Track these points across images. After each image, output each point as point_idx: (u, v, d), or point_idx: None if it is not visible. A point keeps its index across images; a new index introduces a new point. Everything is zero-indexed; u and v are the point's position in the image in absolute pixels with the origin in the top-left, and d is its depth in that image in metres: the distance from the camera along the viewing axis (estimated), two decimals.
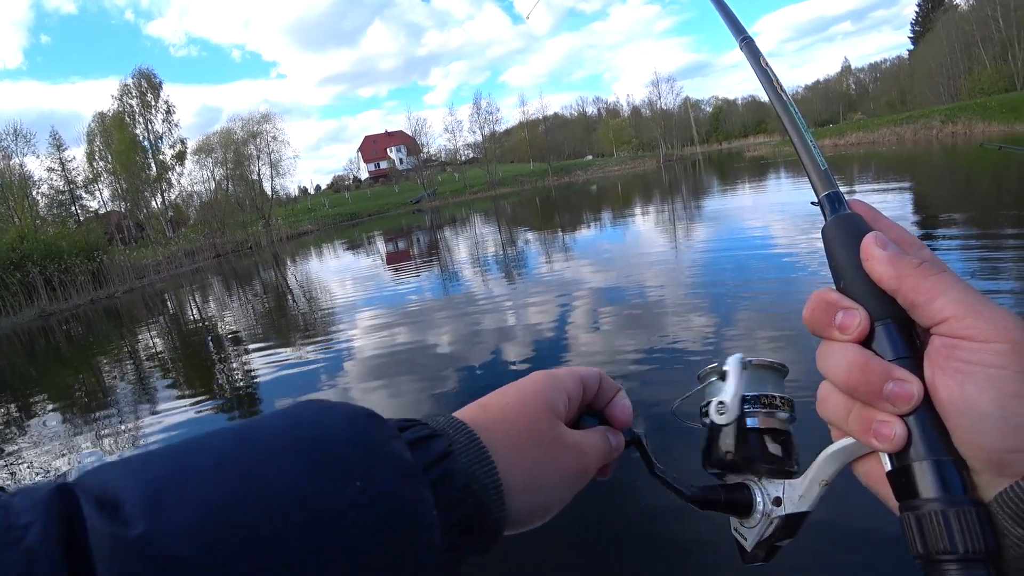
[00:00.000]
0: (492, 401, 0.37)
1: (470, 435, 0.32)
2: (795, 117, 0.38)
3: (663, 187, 26.74)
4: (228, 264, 27.40)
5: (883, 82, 79.78)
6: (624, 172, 52.42)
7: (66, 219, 40.13)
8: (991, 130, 26.25)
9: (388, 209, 50.85)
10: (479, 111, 61.27)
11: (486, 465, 0.31)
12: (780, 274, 6.19)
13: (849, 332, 0.30)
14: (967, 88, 45.70)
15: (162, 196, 45.09)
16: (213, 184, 47.11)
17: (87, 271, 22.60)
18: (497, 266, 10.97)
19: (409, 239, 21.66)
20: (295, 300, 11.86)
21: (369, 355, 5.97)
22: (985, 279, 4.95)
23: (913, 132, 31.35)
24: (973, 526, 0.25)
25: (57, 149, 43.70)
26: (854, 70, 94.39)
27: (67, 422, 5.94)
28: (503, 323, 6.29)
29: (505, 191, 50.75)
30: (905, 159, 21.13)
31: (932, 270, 0.28)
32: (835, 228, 0.33)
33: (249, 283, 17.53)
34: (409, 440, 0.29)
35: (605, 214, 18.54)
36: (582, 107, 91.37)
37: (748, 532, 0.38)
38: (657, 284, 6.81)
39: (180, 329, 11.21)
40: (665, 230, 12.20)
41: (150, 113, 44.84)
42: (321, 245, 28.17)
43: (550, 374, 0.39)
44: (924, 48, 55.54)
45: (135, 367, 8.14)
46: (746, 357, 0.39)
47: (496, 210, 30.53)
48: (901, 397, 0.27)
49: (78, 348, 11.55)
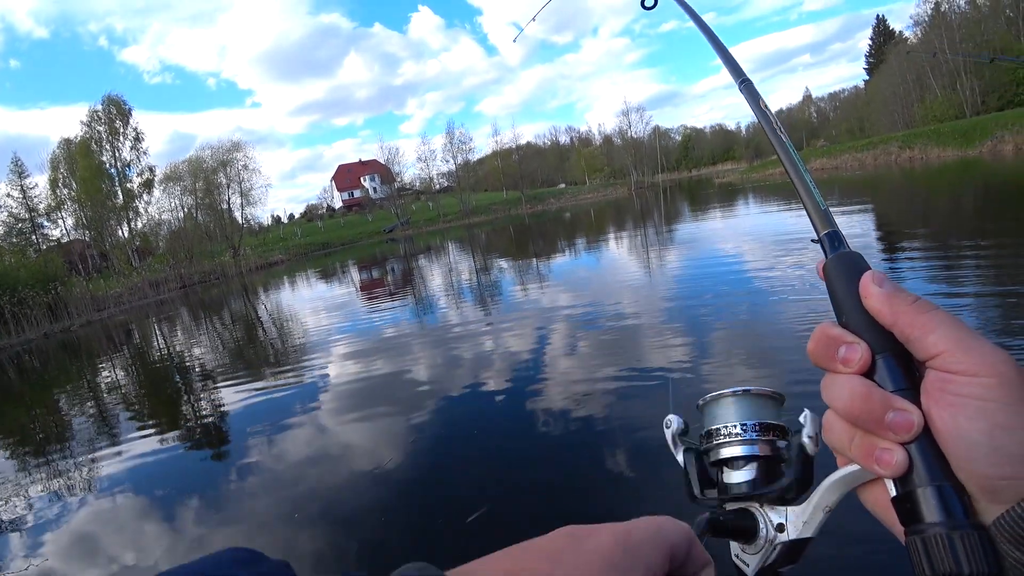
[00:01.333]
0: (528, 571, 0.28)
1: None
2: (794, 157, 0.39)
3: (635, 213, 27.14)
4: (195, 295, 26.60)
5: (842, 110, 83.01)
6: (596, 200, 53.14)
7: (25, 248, 38.68)
8: (945, 155, 27.37)
9: (361, 238, 50.43)
10: (452, 140, 61.81)
11: None
12: (752, 296, 6.25)
13: (851, 365, 0.31)
14: (920, 115, 47.83)
15: (128, 225, 44.02)
16: (182, 213, 46.22)
17: (42, 303, 21.66)
18: (472, 294, 10.89)
19: (383, 268, 21.44)
20: (265, 331, 11.55)
21: (343, 384, 5.83)
22: (948, 284, 5.25)
23: (874, 157, 32.57)
24: (976, 549, 0.26)
25: (18, 176, 42.48)
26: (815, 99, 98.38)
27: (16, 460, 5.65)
28: (479, 350, 6.19)
29: (479, 219, 50.85)
30: (870, 182, 21.82)
31: (926, 307, 0.29)
32: (836, 265, 0.34)
33: (217, 314, 17.06)
34: None
35: (579, 241, 18.70)
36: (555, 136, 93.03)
37: (750, 559, 0.38)
38: (631, 308, 6.85)
39: (142, 363, 10.72)
40: (637, 255, 12.30)
41: (118, 140, 44.09)
42: (292, 275, 27.68)
43: (628, 545, 0.30)
44: (878, 79, 58.12)
45: (91, 404, 7.69)
46: (744, 387, 0.39)
47: (470, 238, 30.50)
48: (902, 426, 0.28)
49: (30, 384, 10.98)
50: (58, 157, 43.04)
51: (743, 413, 0.39)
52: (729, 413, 0.39)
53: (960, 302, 4.79)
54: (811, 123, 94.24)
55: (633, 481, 2.99)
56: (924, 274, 6.13)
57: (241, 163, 49.81)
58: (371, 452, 4.00)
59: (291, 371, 7.03)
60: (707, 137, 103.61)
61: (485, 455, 3.63)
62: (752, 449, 0.38)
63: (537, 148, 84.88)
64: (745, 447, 0.38)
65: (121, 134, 44.26)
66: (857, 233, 9.22)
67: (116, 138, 43.94)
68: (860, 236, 8.88)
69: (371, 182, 73.71)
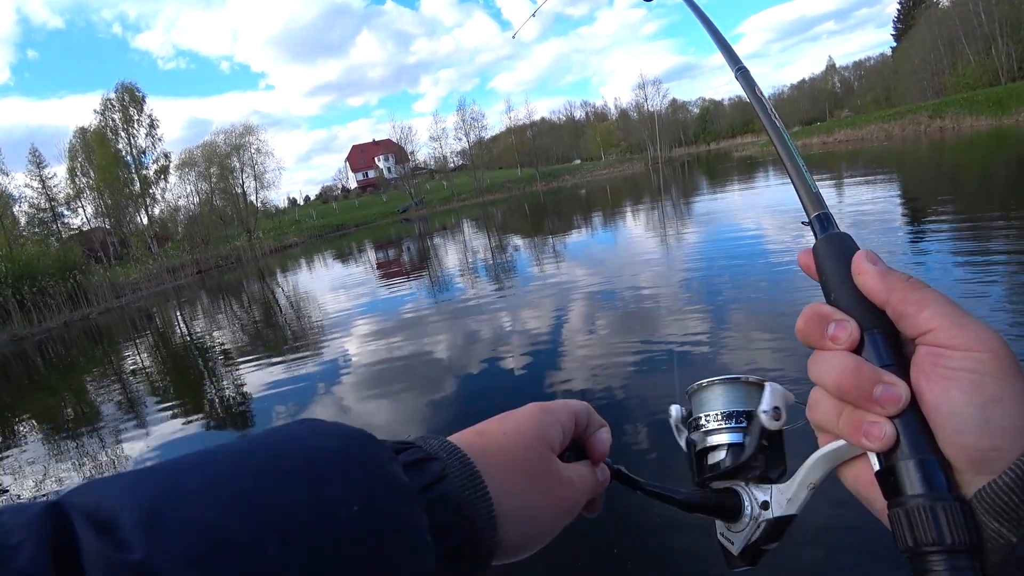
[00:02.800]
0: (488, 428, 0.37)
1: (464, 460, 0.32)
2: (787, 142, 0.41)
3: (652, 189, 26.54)
4: (212, 280, 26.78)
5: (867, 79, 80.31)
6: (612, 175, 52.31)
7: (47, 237, 39.28)
8: (979, 124, 26.18)
9: (375, 219, 50.30)
10: (464, 118, 61.03)
11: (479, 491, 0.31)
12: (770, 274, 6.14)
13: (841, 342, 0.31)
14: (952, 83, 45.86)
15: (146, 211, 44.39)
16: (197, 198, 46.48)
17: (62, 292, 21.87)
18: (488, 272, 10.90)
19: (399, 248, 21.39)
20: (284, 313, 11.61)
21: (364, 365, 5.92)
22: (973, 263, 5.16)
23: (901, 128, 31.33)
24: (958, 520, 0.26)
25: (37, 166, 42.99)
26: (839, 68, 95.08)
27: (48, 444, 5.73)
28: (497, 329, 6.26)
29: (493, 197, 50.38)
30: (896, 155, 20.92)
31: (918, 285, 0.31)
32: (826, 246, 0.35)
33: (236, 297, 17.13)
34: (404, 463, 0.29)
35: (594, 218, 18.51)
36: (570, 111, 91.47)
37: (735, 536, 0.39)
38: (649, 285, 6.82)
39: (165, 348, 10.75)
40: (654, 231, 12.14)
41: (133, 127, 44.24)
42: (307, 257, 27.74)
43: (545, 407, 0.39)
44: (907, 45, 55.80)
45: (116, 389, 7.71)
46: (732, 375, 0.41)
47: (485, 217, 30.32)
48: (890, 399, 0.29)
49: (55, 370, 11.09)
50: (75, 146, 43.41)
51: (724, 401, 0.40)
52: (710, 401, 0.41)
53: (991, 285, 4.60)
54: (834, 93, 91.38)
55: (648, 453, 3.08)
56: (951, 247, 5.96)
57: (254, 147, 49.88)
58: (391, 429, 4.09)
59: (311, 351, 7.12)
60: (726, 110, 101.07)
61: None
62: (736, 437, 0.39)
63: (552, 124, 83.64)
64: (730, 435, 0.39)
65: (136, 121, 44.42)
66: (878, 210, 8.93)
67: (131, 126, 44.10)
68: (881, 214, 8.59)
69: (385, 162, 73.44)
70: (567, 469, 0.38)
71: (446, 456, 0.32)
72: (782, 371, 3.74)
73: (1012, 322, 3.79)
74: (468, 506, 0.30)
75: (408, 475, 0.28)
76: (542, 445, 0.37)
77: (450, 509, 0.29)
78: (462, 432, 0.37)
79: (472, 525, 0.30)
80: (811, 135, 42.84)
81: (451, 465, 0.31)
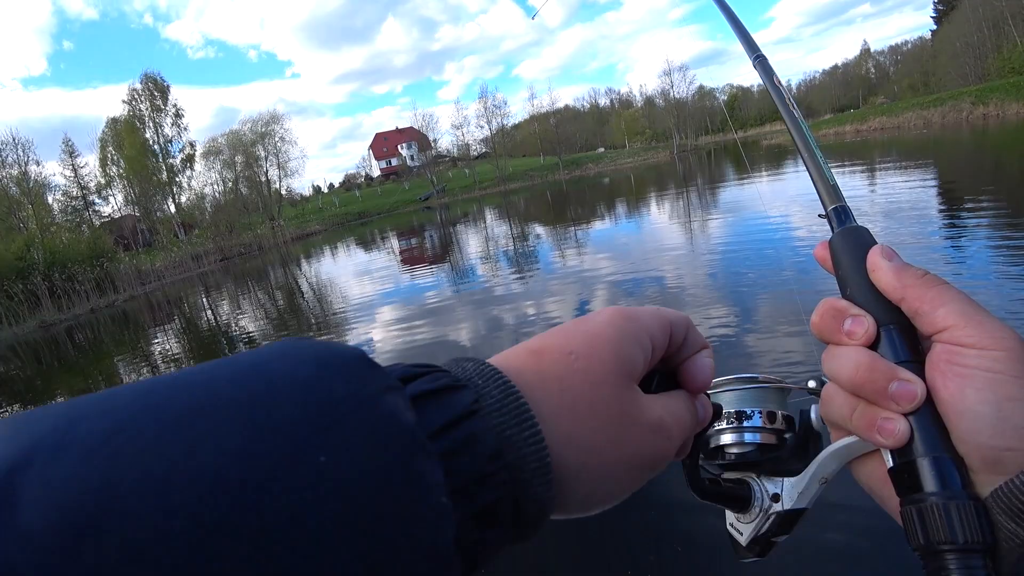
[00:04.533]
0: (548, 345, 0.28)
1: (507, 388, 0.24)
2: (806, 134, 0.40)
3: (677, 179, 26.02)
4: (236, 267, 27.05)
5: (904, 65, 77.45)
6: (637, 164, 51.40)
7: (79, 225, 40.24)
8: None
9: (398, 207, 50.39)
10: (486, 106, 60.52)
11: (528, 429, 0.23)
12: (797, 264, 6.07)
13: (857, 337, 0.31)
14: (996, 68, 43.76)
15: (174, 199, 45.09)
16: (222, 186, 47.04)
17: (91, 279, 22.26)
18: (510, 261, 10.97)
19: (421, 236, 21.38)
20: (308, 299, 11.75)
21: (386, 351, 5.99)
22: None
23: (941, 115, 29.96)
24: (972, 519, 0.26)
25: (69, 156, 43.94)
26: (873, 53, 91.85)
27: None
28: (521, 317, 6.34)
29: (515, 186, 49.98)
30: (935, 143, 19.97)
31: (935, 281, 0.30)
32: (842, 240, 0.34)
33: (260, 284, 17.31)
34: (415, 394, 0.22)
35: (618, 207, 18.32)
36: (594, 99, 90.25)
37: (744, 527, 0.39)
38: (671, 275, 6.85)
39: (191, 333, 10.87)
40: (679, 222, 11.99)
41: (160, 117, 44.81)
42: (329, 245, 27.87)
43: (629, 314, 0.30)
44: (948, 27, 53.44)
45: (145, 373, 7.78)
46: (752, 373, 0.40)
47: (507, 205, 30.16)
48: (905, 396, 0.29)
49: (85, 356, 11.28)
50: (106, 136, 44.20)
51: (747, 400, 0.40)
52: (735, 400, 0.40)
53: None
54: (868, 79, 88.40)
55: None
56: (989, 242, 5.76)
57: (278, 135, 50.22)
58: None
59: (335, 336, 7.20)
60: (754, 96, 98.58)
61: None
62: (755, 437, 0.39)
63: (575, 112, 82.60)
64: (748, 434, 0.39)
65: (162, 111, 44.95)
66: (913, 200, 8.62)
67: (158, 115, 44.66)
68: (916, 203, 8.35)
69: (408, 150, 73.42)
70: (657, 406, 0.29)
71: (482, 383, 0.24)
72: (808, 364, 3.65)
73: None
74: (511, 450, 0.23)
75: (421, 410, 0.21)
76: (621, 374, 0.28)
77: (483, 454, 0.22)
78: (513, 349, 0.29)
79: (515, 474, 0.22)
80: (843, 123, 41.37)
81: (487, 395, 0.24)
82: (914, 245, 5.97)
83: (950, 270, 5.11)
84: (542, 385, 0.26)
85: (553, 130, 63.14)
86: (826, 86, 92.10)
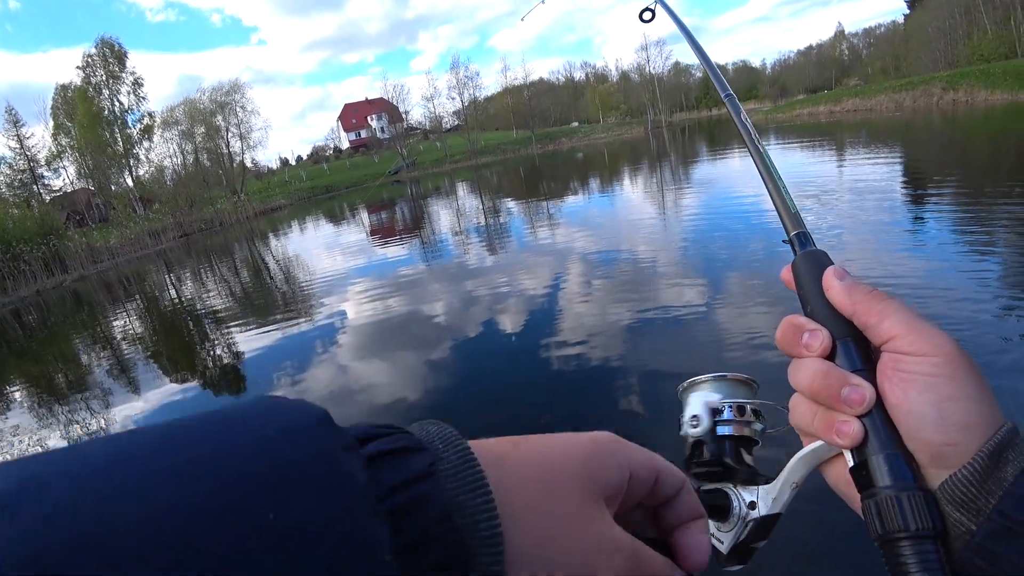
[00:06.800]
0: (527, 440, 0.28)
1: (465, 455, 0.24)
2: (770, 166, 0.44)
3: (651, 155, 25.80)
4: (197, 244, 25.95)
5: (877, 47, 77.92)
6: (611, 140, 50.93)
7: (28, 199, 37.64)
8: (994, 99, 25.15)
9: (366, 180, 49.01)
10: (458, 77, 58.92)
11: (480, 495, 0.23)
12: (767, 240, 6.18)
13: (813, 350, 0.34)
14: (966, 54, 44.20)
15: (131, 172, 42.75)
16: (180, 159, 44.86)
17: (38, 258, 20.91)
18: (484, 236, 10.93)
19: (392, 211, 21.07)
20: (275, 276, 11.51)
21: (360, 326, 6.03)
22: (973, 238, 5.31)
23: (913, 99, 30.28)
24: (921, 508, 0.29)
25: (14, 125, 41.18)
26: (848, 35, 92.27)
27: (33, 413, 5.68)
28: (495, 291, 6.33)
29: (487, 160, 49.06)
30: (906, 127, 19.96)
31: (881, 297, 0.33)
32: (803, 262, 0.38)
33: (224, 262, 16.73)
34: (373, 453, 0.22)
35: (592, 182, 18.46)
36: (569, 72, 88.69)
37: (724, 536, 0.40)
38: (644, 250, 6.97)
39: (152, 316, 10.26)
40: (652, 198, 12.15)
41: (116, 85, 42.14)
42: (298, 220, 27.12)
43: (617, 438, 0.30)
44: (921, 12, 53.65)
45: (103, 357, 7.44)
46: (720, 372, 0.42)
47: (479, 180, 29.85)
48: (856, 399, 0.32)
49: (34, 340, 10.62)
50: (57, 104, 41.56)
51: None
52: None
53: (989, 260, 4.71)
54: (842, 61, 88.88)
55: (641, 417, 3.22)
56: (950, 224, 6.07)
57: (239, 104, 47.99)
58: (389, 389, 4.24)
59: (306, 314, 7.21)
60: (729, 74, 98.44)
61: (500, 391, 3.86)
62: (726, 429, 0.40)
63: (550, 85, 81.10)
64: (722, 427, 0.41)
65: (119, 79, 42.27)
66: (880, 181, 8.85)
67: (114, 83, 42.00)
68: (883, 184, 8.67)
69: (378, 122, 71.31)
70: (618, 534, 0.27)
71: (442, 447, 0.24)
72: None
73: (1003, 304, 3.83)
74: (460, 514, 0.22)
75: (377, 470, 0.21)
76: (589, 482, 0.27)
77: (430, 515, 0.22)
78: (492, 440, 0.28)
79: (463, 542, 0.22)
80: (818, 103, 41.45)
81: (446, 459, 0.24)
82: (879, 226, 6.22)
83: (912, 247, 5.42)
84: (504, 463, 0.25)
85: (527, 103, 61.95)
86: (801, 66, 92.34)
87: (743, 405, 0.41)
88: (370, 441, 0.22)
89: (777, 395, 0.40)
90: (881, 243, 5.66)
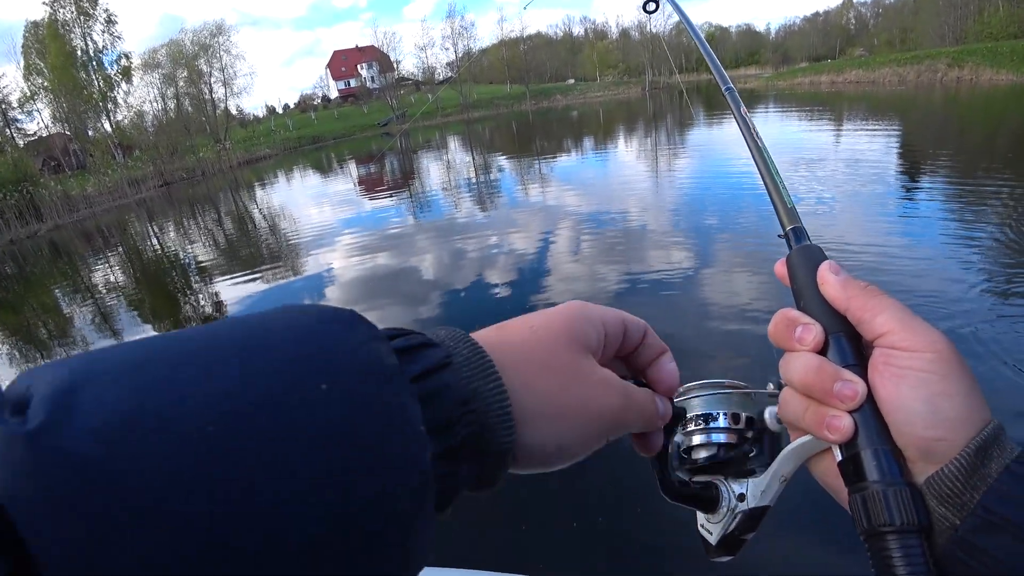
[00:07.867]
0: (512, 323, 0.33)
1: (474, 348, 0.28)
2: (768, 161, 0.45)
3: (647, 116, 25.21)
4: (179, 193, 25.21)
5: (885, 18, 75.97)
6: (607, 99, 49.75)
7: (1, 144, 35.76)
8: (999, 79, 24.63)
9: (355, 132, 47.64)
10: (454, 27, 56.86)
11: (492, 381, 0.27)
12: (756, 206, 6.17)
13: (806, 344, 0.34)
14: (974, 31, 43.10)
15: (109, 117, 40.84)
16: (162, 104, 42.99)
17: (11, 206, 20.10)
18: (475, 192, 10.95)
19: (381, 165, 20.60)
20: (261, 227, 11.40)
21: (348, 279, 6.03)
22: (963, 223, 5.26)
23: (917, 73, 29.70)
24: (907, 502, 0.29)
25: None
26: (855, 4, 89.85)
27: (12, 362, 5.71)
28: (484, 246, 6.37)
29: (479, 115, 47.78)
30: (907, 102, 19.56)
31: (875, 292, 0.34)
32: (798, 257, 0.38)
33: (206, 212, 16.44)
34: (397, 348, 0.25)
35: (586, 142, 18.38)
36: (568, 27, 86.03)
37: (714, 527, 0.41)
38: (635, 212, 6.99)
39: (133, 266, 10.04)
40: (645, 160, 12.13)
41: (88, 22, 39.53)
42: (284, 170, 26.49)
43: (587, 305, 0.34)
44: None
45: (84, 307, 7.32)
46: (717, 380, 0.43)
47: (470, 135, 29.28)
48: (848, 394, 0.32)
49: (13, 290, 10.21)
50: (29, 42, 38.95)
51: (713, 404, 0.42)
52: (701, 404, 0.42)
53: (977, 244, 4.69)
54: (848, 30, 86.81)
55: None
56: (941, 203, 6.08)
57: (224, 47, 45.87)
58: None
59: (292, 266, 7.21)
60: (732, 37, 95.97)
61: None
62: (721, 437, 0.41)
63: (547, 39, 78.66)
64: (716, 435, 0.41)
65: (90, 16, 39.60)
66: (875, 156, 8.93)
67: (86, 20, 39.33)
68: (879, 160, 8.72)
69: (369, 71, 68.85)
70: (607, 372, 0.32)
71: (452, 344, 0.27)
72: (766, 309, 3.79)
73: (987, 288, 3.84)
74: (477, 399, 0.26)
75: (400, 361, 0.24)
76: (573, 342, 0.32)
77: (453, 400, 0.25)
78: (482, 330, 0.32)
79: (481, 419, 0.26)
80: (820, 72, 40.54)
81: (457, 353, 0.27)
82: (871, 204, 6.20)
83: (900, 223, 5.41)
84: (503, 348, 0.29)
85: (523, 57, 60.08)
86: (805, 33, 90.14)
87: (738, 413, 0.41)
88: (391, 339, 0.25)
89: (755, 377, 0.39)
90: (872, 217, 5.73)
